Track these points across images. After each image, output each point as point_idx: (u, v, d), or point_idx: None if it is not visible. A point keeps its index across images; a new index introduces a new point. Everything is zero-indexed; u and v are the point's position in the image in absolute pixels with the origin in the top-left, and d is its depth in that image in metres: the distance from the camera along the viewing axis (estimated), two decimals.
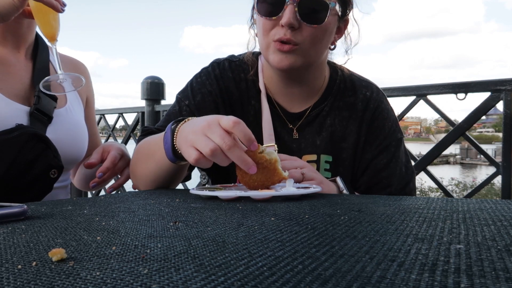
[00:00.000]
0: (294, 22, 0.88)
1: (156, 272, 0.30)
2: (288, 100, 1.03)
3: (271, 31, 0.91)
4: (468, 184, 8.10)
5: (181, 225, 0.48)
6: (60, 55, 1.19)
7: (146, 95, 2.43)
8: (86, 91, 1.22)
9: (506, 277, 0.28)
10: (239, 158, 0.70)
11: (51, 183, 0.93)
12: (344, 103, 1.03)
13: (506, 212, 0.55)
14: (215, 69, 1.05)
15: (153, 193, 0.83)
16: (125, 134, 2.65)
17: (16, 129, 0.89)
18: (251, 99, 1.03)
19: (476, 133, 57.97)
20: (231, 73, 1.04)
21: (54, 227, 0.48)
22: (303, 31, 0.90)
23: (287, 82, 1.01)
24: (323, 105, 1.03)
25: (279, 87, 1.03)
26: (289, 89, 1.02)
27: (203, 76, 1.05)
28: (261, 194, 0.68)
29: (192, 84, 1.05)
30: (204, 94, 1.02)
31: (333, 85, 1.05)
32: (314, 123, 1.02)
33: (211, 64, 1.07)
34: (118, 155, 1.05)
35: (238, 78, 1.04)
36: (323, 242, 0.39)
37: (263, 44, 0.94)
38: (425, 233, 0.42)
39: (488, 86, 1.52)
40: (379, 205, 0.62)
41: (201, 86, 1.03)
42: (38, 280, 0.28)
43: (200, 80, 1.04)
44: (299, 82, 1.01)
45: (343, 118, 1.03)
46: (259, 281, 0.27)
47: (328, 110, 1.03)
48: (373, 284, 0.26)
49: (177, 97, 1.06)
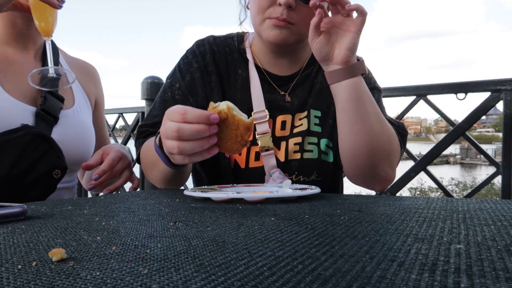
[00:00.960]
0: (292, 1, 0.89)
1: (156, 272, 0.30)
2: (277, 68, 1.06)
3: (268, 9, 0.93)
4: (468, 184, 8.10)
5: (181, 225, 0.48)
6: (70, 57, 1.20)
7: (146, 95, 2.43)
8: (95, 93, 1.22)
9: (506, 277, 0.28)
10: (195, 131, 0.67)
11: (54, 183, 0.93)
12: None
13: (506, 212, 0.55)
14: (200, 46, 1.07)
15: (153, 193, 0.83)
16: (125, 134, 2.65)
17: (20, 129, 0.89)
18: (238, 69, 1.05)
19: (476, 133, 57.98)
20: (216, 47, 1.06)
21: (54, 227, 0.48)
22: (298, 11, 0.92)
23: (276, 54, 1.04)
24: (311, 67, 1.06)
25: (268, 58, 1.05)
26: (278, 59, 1.05)
27: (189, 55, 1.06)
28: (255, 196, 0.68)
29: (180, 66, 1.06)
30: (193, 73, 1.04)
31: None
32: (304, 84, 1.05)
33: (195, 43, 1.08)
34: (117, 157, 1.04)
35: (223, 51, 1.06)
36: (323, 242, 0.39)
37: (257, 19, 0.96)
38: (425, 233, 0.42)
39: (488, 86, 1.52)
40: (379, 205, 0.62)
41: (188, 66, 1.05)
42: (38, 280, 0.28)
43: (186, 61, 1.06)
44: (288, 54, 1.04)
45: None
46: (259, 281, 0.27)
47: (316, 71, 1.06)
48: (373, 284, 0.26)
49: (167, 81, 1.06)
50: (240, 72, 1.05)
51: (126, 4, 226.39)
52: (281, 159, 0.99)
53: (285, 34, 0.93)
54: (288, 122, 1.02)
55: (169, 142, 0.70)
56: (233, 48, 1.07)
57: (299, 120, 1.02)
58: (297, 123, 1.02)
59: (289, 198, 0.70)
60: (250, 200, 0.67)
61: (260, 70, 1.04)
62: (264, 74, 1.04)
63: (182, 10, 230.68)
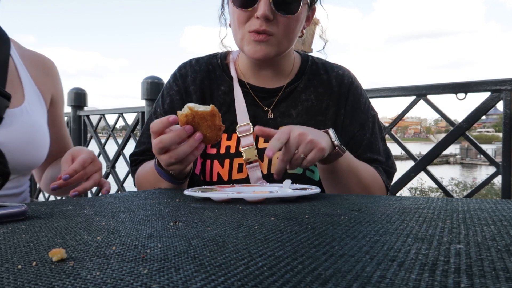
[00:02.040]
0: (269, 14, 0.90)
1: (156, 272, 0.30)
2: (260, 80, 1.07)
3: (246, 23, 0.94)
4: (468, 184, 8.09)
5: (181, 225, 0.48)
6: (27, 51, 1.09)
7: (146, 95, 2.43)
8: (51, 89, 1.10)
9: (506, 277, 0.28)
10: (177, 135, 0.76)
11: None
12: (318, 80, 1.07)
13: (506, 212, 0.55)
14: (181, 69, 1.10)
15: (153, 193, 0.83)
16: (125, 134, 2.65)
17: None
18: (221, 86, 1.06)
19: (476, 133, 57.94)
20: (198, 67, 1.08)
21: (54, 227, 0.48)
22: (277, 22, 0.93)
23: (259, 66, 1.05)
24: (298, 82, 1.07)
25: (253, 71, 1.06)
26: (262, 71, 1.06)
27: (170, 80, 1.10)
28: (255, 196, 0.68)
29: (163, 92, 1.11)
30: (172, 96, 1.07)
31: (305, 66, 1.09)
32: (288, 99, 1.06)
33: (178, 67, 1.12)
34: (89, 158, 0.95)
35: (206, 69, 1.08)
36: (323, 242, 0.39)
37: (238, 35, 0.97)
38: (425, 233, 0.42)
39: (488, 86, 1.52)
40: (379, 205, 0.62)
41: (169, 89, 1.08)
42: (38, 280, 0.28)
43: (168, 85, 1.10)
44: (271, 65, 1.05)
45: (319, 94, 1.06)
46: (259, 281, 0.27)
47: (302, 87, 1.06)
48: (373, 284, 0.26)
49: (154, 107, 1.11)
50: (223, 88, 1.06)
51: (126, 4, 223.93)
52: (264, 172, 0.98)
53: (265, 49, 0.94)
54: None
55: (162, 156, 0.79)
56: (215, 66, 1.09)
57: None
58: None
59: (289, 198, 0.69)
60: (250, 200, 0.67)
61: (243, 84, 1.06)
62: (247, 88, 1.05)
63: (182, 10, 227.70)
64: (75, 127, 3.12)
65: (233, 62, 1.09)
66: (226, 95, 1.05)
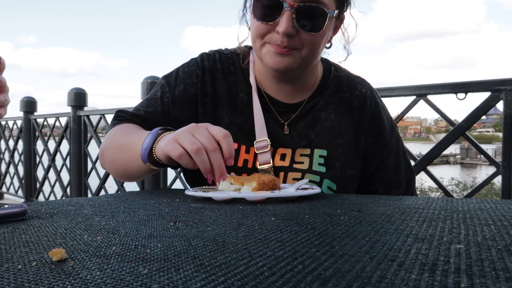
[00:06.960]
0: (292, 30, 0.83)
1: (156, 272, 0.30)
2: (280, 94, 1.01)
3: (267, 35, 0.88)
4: (468, 184, 8.08)
5: (181, 225, 0.48)
6: None
7: (146, 95, 2.44)
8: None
9: (506, 277, 0.28)
10: (218, 162, 0.71)
11: None
12: (339, 98, 1.01)
13: (506, 212, 0.55)
14: (204, 60, 1.01)
15: (153, 193, 0.83)
16: None
17: None
18: (240, 92, 1.00)
19: (476, 133, 57.92)
20: (221, 65, 1.01)
21: (54, 227, 0.48)
22: (300, 38, 0.86)
23: (279, 80, 0.98)
24: (318, 98, 1.01)
25: (271, 83, 1.00)
26: (281, 85, 0.99)
27: (191, 66, 1.01)
28: (256, 195, 0.68)
29: (178, 73, 1.02)
30: (187, 85, 0.99)
31: (327, 80, 1.03)
32: (307, 117, 1.00)
33: (200, 55, 1.04)
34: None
35: (227, 71, 1.01)
36: (323, 242, 0.39)
37: (257, 43, 0.90)
38: (425, 233, 0.42)
39: (488, 86, 1.52)
40: (379, 205, 0.62)
41: (186, 76, 1.00)
42: (38, 280, 0.28)
43: (187, 70, 1.01)
44: (292, 79, 0.98)
45: (339, 114, 1.00)
46: (259, 281, 0.27)
47: (323, 104, 1.00)
48: (373, 284, 0.26)
49: (161, 82, 1.02)
50: (242, 95, 1.00)
51: (126, 4, 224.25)
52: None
53: (287, 61, 0.87)
54: (288, 155, 0.97)
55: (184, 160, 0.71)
56: (237, 68, 1.01)
57: (300, 156, 0.97)
58: (298, 159, 0.97)
59: (289, 198, 0.70)
60: (250, 200, 0.67)
61: (261, 93, 0.99)
62: (265, 99, 0.99)
63: (183, 10, 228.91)
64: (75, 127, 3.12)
65: (253, 67, 1.00)
66: (245, 106, 0.99)
